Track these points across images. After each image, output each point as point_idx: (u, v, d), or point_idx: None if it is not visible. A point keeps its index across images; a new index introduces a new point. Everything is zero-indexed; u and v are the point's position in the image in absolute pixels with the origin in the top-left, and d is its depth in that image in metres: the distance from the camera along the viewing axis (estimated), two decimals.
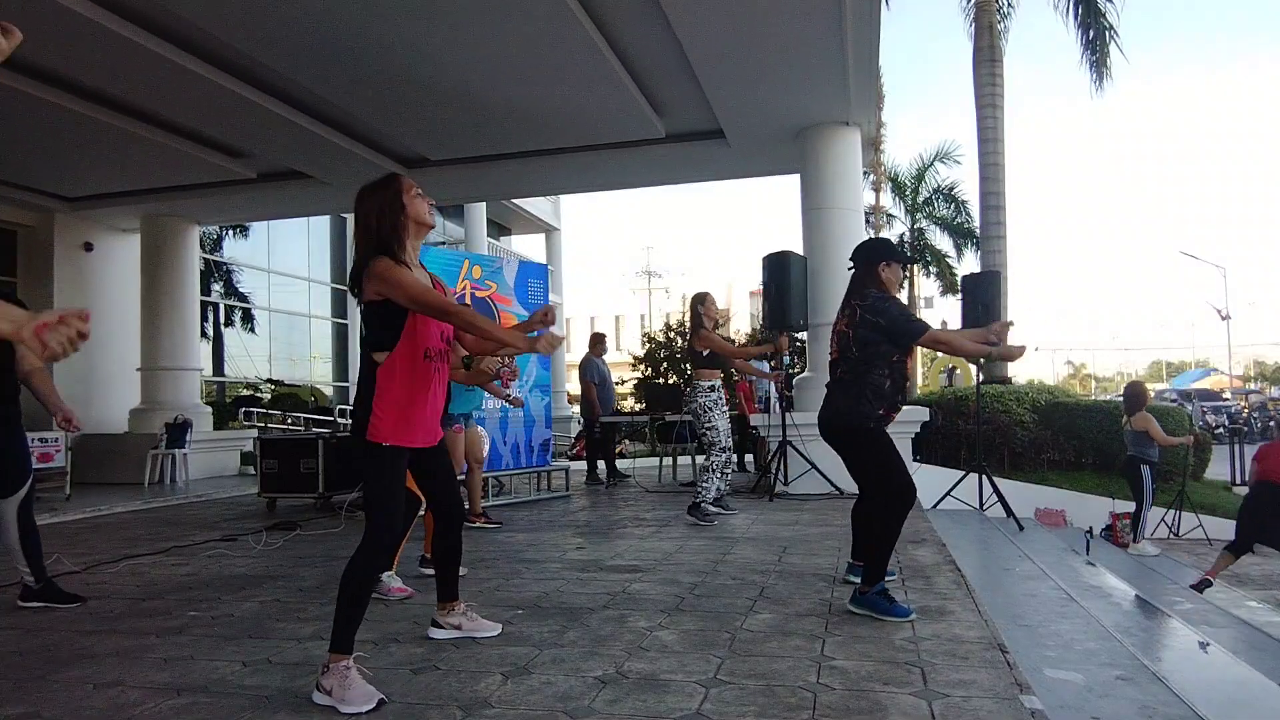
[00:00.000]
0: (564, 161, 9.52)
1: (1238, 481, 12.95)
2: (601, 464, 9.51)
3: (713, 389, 6.12)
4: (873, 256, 3.81)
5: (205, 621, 3.54)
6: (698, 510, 6.07)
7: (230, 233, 15.98)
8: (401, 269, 2.63)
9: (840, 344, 3.76)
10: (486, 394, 5.62)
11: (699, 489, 6.21)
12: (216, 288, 15.83)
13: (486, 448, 6.31)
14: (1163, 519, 9.48)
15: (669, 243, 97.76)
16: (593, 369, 9.39)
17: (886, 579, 3.71)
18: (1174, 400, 24.42)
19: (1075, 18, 14.30)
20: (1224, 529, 10.04)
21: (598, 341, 9.74)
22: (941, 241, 21.94)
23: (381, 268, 2.60)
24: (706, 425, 6.07)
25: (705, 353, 6.14)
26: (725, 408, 6.20)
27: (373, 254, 2.64)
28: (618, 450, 10.63)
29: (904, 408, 3.89)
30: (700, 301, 6.23)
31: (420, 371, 2.67)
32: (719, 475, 6.12)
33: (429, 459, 2.90)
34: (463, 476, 6.03)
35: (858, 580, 3.88)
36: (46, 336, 1.51)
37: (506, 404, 6.15)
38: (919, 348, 4.00)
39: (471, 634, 3.11)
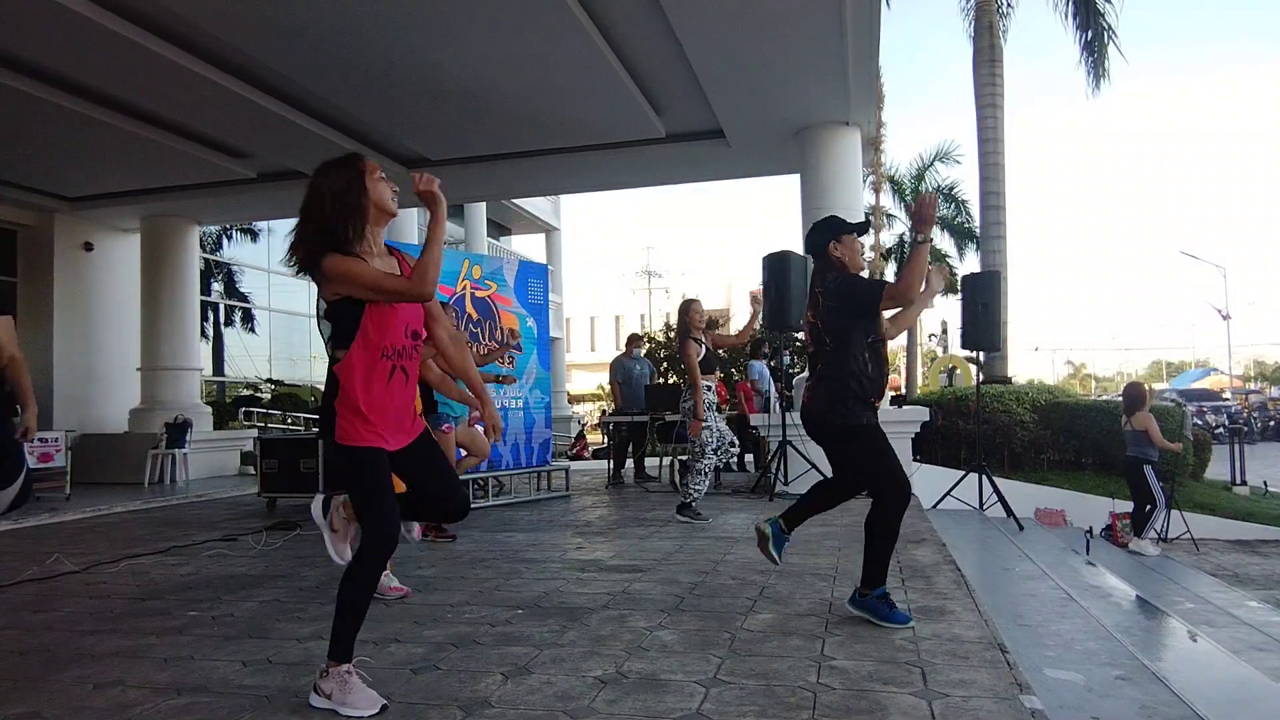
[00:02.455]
0: (564, 161, 9.52)
1: (1237, 481, 12.95)
2: (626, 463, 9.63)
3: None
4: (820, 242, 3.61)
5: (205, 621, 3.53)
6: (687, 510, 6.14)
7: (230, 233, 15.99)
8: (351, 259, 2.45)
9: (814, 336, 3.61)
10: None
11: (687, 490, 6.28)
12: (216, 288, 15.84)
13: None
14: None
15: (669, 243, 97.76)
16: (617, 369, 9.59)
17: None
18: (1173, 400, 24.41)
19: (1074, 20, 14.31)
20: (1223, 529, 10.05)
21: (629, 343, 9.94)
22: (942, 241, 21.98)
23: (331, 266, 2.43)
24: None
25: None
26: (715, 411, 6.20)
27: (318, 248, 2.48)
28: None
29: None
30: (685, 311, 6.24)
31: (379, 370, 2.47)
32: (704, 475, 6.17)
33: (416, 458, 2.60)
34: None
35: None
36: None
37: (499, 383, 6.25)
38: (898, 339, 3.84)
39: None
